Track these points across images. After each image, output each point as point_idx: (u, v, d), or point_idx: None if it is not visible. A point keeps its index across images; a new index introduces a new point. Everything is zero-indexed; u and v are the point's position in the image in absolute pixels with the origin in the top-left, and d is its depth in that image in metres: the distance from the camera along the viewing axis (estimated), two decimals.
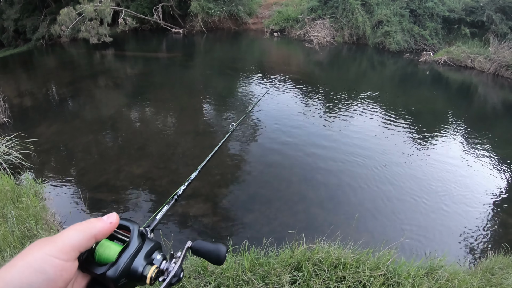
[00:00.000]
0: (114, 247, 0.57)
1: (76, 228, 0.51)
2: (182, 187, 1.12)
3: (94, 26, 14.42)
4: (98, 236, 0.53)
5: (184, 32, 17.88)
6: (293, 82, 10.40)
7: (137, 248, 0.57)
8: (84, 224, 0.52)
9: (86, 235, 0.51)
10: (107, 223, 0.54)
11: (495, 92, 11.26)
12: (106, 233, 0.54)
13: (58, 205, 4.78)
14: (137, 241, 0.58)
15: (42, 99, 9.42)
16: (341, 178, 5.61)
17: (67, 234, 0.50)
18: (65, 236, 0.49)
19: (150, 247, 0.59)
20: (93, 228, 0.52)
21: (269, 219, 4.50)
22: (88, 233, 0.51)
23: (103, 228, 0.53)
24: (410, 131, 7.40)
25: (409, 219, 4.76)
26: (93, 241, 0.53)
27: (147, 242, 0.60)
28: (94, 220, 0.54)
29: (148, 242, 0.60)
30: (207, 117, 8.05)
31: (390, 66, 13.63)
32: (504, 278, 3.36)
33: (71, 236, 0.50)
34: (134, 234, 0.58)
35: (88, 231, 0.51)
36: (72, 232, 0.50)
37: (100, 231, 0.53)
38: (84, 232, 0.51)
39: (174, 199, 1.02)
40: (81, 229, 0.51)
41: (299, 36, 16.65)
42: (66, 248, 0.48)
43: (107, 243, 0.57)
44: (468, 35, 14.34)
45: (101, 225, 0.53)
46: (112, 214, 0.56)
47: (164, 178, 5.40)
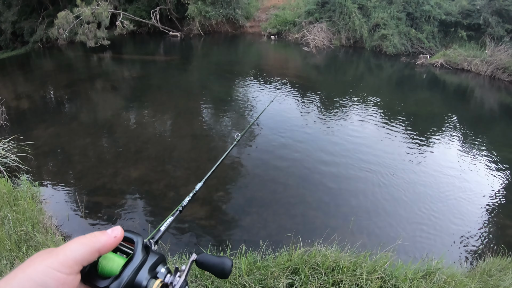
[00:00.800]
0: (118, 259, 0.56)
1: (79, 241, 0.50)
2: (187, 198, 1.11)
3: (92, 29, 14.41)
4: (101, 250, 0.52)
5: (182, 35, 17.89)
6: (289, 85, 10.41)
7: (141, 261, 0.56)
8: (88, 238, 0.51)
9: (89, 249, 0.50)
10: (111, 237, 0.53)
11: (492, 95, 11.32)
12: (110, 247, 0.53)
13: (55, 208, 4.76)
14: (141, 254, 0.56)
15: (40, 102, 9.39)
16: (337, 181, 5.61)
17: (70, 247, 0.49)
18: (68, 249, 0.48)
19: (154, 260, 0.58)
20: (97, 242, 0.51)
21: (266, 223, 4.50)
22: (92, 247, 0.50)
23: (107, 242, 0.52)
24: (406, 134, 7.42)
25: (405, 222, 4.77)
26: (97, 255, 0.51)
27: (151, 255, 0.59)
28: (98, 234, 0.52)
29: (152, 255, 0.59)
30: (204, 120, 8.04)
31: (387, 69, 13.68)
32: (502, 280, 3.37)
33: (74, 249, 0.48)
34: (138, 247, 0.57)
35: (91, 245, 0.50)
36: (75, 245, 0.49)
37: (104, 245, 0.52)
38: (87, 246, 0.50)
39: (179, 211, 1.02)
40: (85, 243, 0.50)
41: (296, 39, 16.69)
42: (69, 261, 0.47)
43: (110, 256, 0.56)
44: (465, 38, 14.42)
45: (105, 239, 0.52)
46: (116, 228, 0.55)
47: (161, 182, 5.39)
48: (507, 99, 10.77)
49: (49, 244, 3.36)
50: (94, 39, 14.46)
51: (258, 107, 8.53)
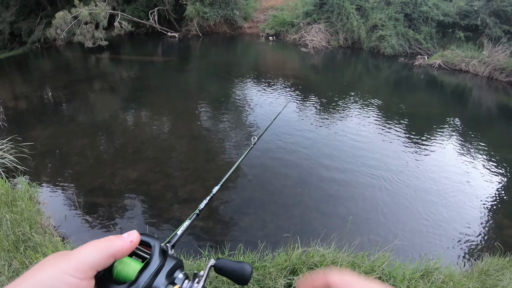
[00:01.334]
0: (134, 264, 0.53)
1: (94, 245, 0.48)
2: (204, 202, 1.10)
3: (90, 30, 14.39)
4: (117, 255, 0.49)
5: (180, 36, 17.89)
6: (287, 86, 10.43)
7: (159, 266, 0.53)
8: (103, 242, 0.49)
9: (104, 254, 0.47)
10: (127, 242, 0.51)
11: (489, 95, 11.36)
12: (126, 252, 0.51)
13: (53, 209, 4.75)
14: (159, 258, 0.54)
15: (37, 102, 9.37)
16: (335, 181, 5.62)
17: (83, 251, 0.46)
18: (82, 253, 0.46)
19: (172, 266, 0.56)
20: (112, 247, 0.49)
21: (264, 223, 4.50)
22: (107, 252, 0.48)
23: (122, 246, 0.50)
24: (403, 135, 7.44)
25: (403, 222, 4.78)
26: (112, 260, 0.49)
27: (168, 260, 0.56)
28: (114, 238, 0.50)
29: (170, 260, 0.57)
30: (202, 121, 8.04)
31: (385, 70, 13.71)
32: (500, 279, 3.38)
33: (88, 253, 0.46)
34: (156, 251, 0.55)
35: (106, 249, 0.48)
36: (89, 249, 0.47)
37: (120, 250, 0.49)
38: (102, 250, 0.47)
39: (196, 214, 0.99)
40: (99, 247, 0.48)
41: (294, 40, 16.71)
42: (82, 266, 0.45)
43: (126, 260, 0.54)
44: (463, 39, 14.46)
45: (120, 244, 0.50)
46: (132, 232, 0.52)
47: (159, 182, 5.39)
48: (504, 99, 10.81)
49: (47, 245, 3.35)
50: (92, 39, 14.44)
51: (256, 108, 8.53)
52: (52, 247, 3.30)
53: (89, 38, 14.40)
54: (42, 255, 3.11)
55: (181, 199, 5.01)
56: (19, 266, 3.01)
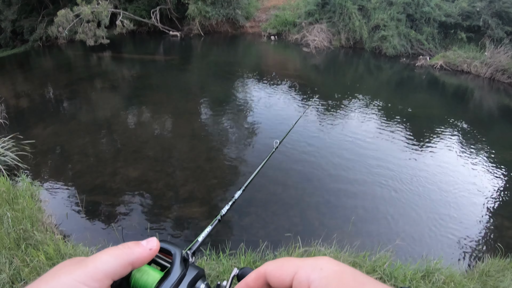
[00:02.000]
0: (153, 273, 0.51)
1: (111, 252, 0.45)
2: (226, 207, 1.06)
3: (91, 28, 14.39)
4: (135, 264, 0.47)
5: (182, 35, 17.88)
6: (289, 85, 10.42)
7: (180, 276, 0.50)
8: (121, 249, 0.46)
9: (122, 262, 0.45)
10: (147, 249, 0.48)
11: (491, 97, 11.34)
12: (145, 260, 0.48)
13: (54, 207, 4.76)
14: (180, 267, 0.51)
15: (39, 100, 9.38)
16: (336, 181, 5.62)
17: (100, 258, 0.44)
18: (98, 261, 0.44)
19: (193, 276, 0.52)
20: (130, 254, 0.46)
21: (265, 223, 4.50)
22: (125, 260, 0.45)
23: (141, 254, 0.47)
24: (405, 135, 7.43)
25: (404, 222, 4.78)
26: (130, 269, 0.47)
27: (190, 269, 0.53)
28: (132, 245, 0.48)
29: (191, 269, 0.53)
30: (203, 121, 8.04)
31: (386, 71, 13.69)
32: (501, 280, 3.37)
33: (104, 261, 0.44)
34: (177, 260, 0.52)
35: (125, 257, 0.45)
36: (106, 256, 0.44)
37: (139, 257, 0.47)
38: (120, 258, 0.45)
39: (218, 220, 0.97)
40: (117, 255, 0.45)
41: (296, 40, 16.69)
42: (99, 274, 0.43)
43: (145, 268, 0.51)
44: (465, 40, 14.43)
45: (139, 251, 0.47)
46: (152, 239, 0.50)
47: (160, 181, 5.39)
48: (506, 101, 10.79)
49: (48, 243, 3.36)
50: (93, 38, 14.45)
51: (257, 109, 8.54)
52: (53, 245, 3.31)
53: (91, 37, 14.40)
54: (43, 253, 3.11)
55: (182, 198, 5.01)
56: (20, 264, 3.02)
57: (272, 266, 0.45)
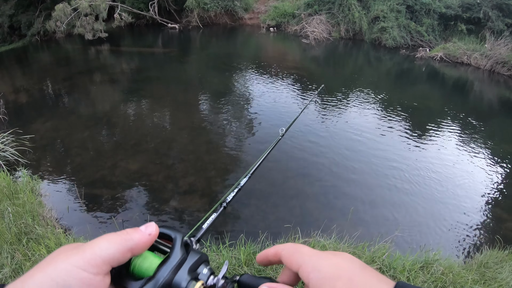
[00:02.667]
0: (153, 258, 0.49)
1: (109, 238, 0.44)
2: (232, 193, 1.04)
3: (89, 22, 14.32)
4: (135, 250, 0.46)
5: (180, 27, 17.79)
6: (288, 77, 10.39)
7: (180, 261, 0.49)
8: (119, 235, 0.45)
9: (121, 248, 0.44)
10: (146, 235, 0.47)
11: (491, 89, 11.32)
12: (145, 246, 0.47)
13: (55, 201, 4.77)
14: (180, 252, 0.49)
15: (38, 95, 9.35)
16: (335, 172, 5.63)
17: (98, 244, 0.43)
18: (96, 247, 0.43)
19: (195, 260, 0.50)
20: (129, 240, 0.45)
21: (265, 214, 4.53)
22: (124, 246, 0.44)
23: (140, 240, 0.46)
24: (405, 126, 7.43)
25: (403, 213, 4.80)
26: (129, 255, 0.45)
27: (192, 253, 0.51)
28: (131, 231, 0.47)
29: (193, 253, 0.51)
30: (203, 113, 8.04)
31: (386, 62, 13.65)
32: (499, 272, 3.39)
33: (103, 247, 0.43)
34: (177, 244, 0.50)
35: (124, 243, 0.44)
36: (104, 242, 0.43)
37: (138, 243, 0.46)
38: (119, 244, 0.44)
39: (223, 207, 0.95)
40: (116, 241, 0.44)
41: (296, 31, 16.62)
42: (97, 260, 0.42)
43: (145, 254, 0.50)
44: (465, 32, 14.37)
45: (138, 237, 0.46)
46: (150, 224, 0.49)
47: (160, 174, 5.40)
48: (506, 93, 10.77)
49: (49, 237, 3.37)
50: (92, 31, 14.37)
51: (256, 100, 8.53)
52: (54, 238, 3.32)
53: (89, 30, 14.33)
54: (44, 247, 3.12)
55: (182, 190, 5.03)
56: (22, 258, 3.03)
57: (286, 251, 0.50)
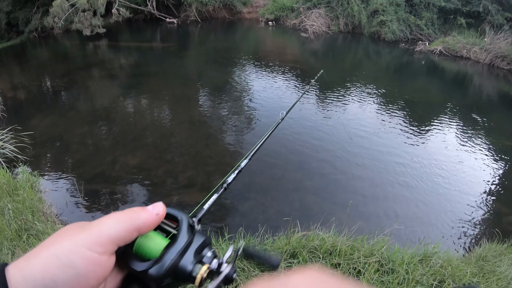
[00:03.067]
0: (159, 240, 0.49)
1: (116, 217, 0.43)
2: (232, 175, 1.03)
3: (87, 17, 14.23)
4: (141, 229, 0.45)
5: (179, 22, 17.69)
6: (287, 71, 10.37)
7: (187, 243, 0.48)
8: (127, 213, 0.44)
9: (128, 227, 0.43)
10: (153, 214, 0.46)
11: (490, 83, 11.31)
12: (151, 226, 0.46)
13: (55, 197, 4.78)
14: (187, 235, 0.49)
15: (36, 91, 9.33)
16: (335, 166, 5.64)
17: (105, 222, 0.42)
18: (103, 225, 0.42)
19: (200, 243, 0.50)
20: (137, 219, 0.44)
21: (265, 207, 4.54)
22: (131, 224, 0.43)
23: (147, 219, 0.45)
24: (404, 120, 7.43)
25: (402, 206, 4.81)
26: (135, 235, 0.44)
27: (197, 236, 0.51)
28: (138, 210, 0.45)
29: (198, 236, 0.51)
30: (202, 107, 8.03)
31: (385, 56, 13.61)
32: (498, 265, 3.41)
33: (110, 225, 0.42)
34: (183, 226, 0.50)
35: (131, 221, 0.43)
36: (111, 221, 0.42)
37: (145, 222, 0.45)
38: (126, 223, 0.43)
39: (224, 188, 0.94)
40: (123, 219, 0.43)
41: (294, 25, 16.54)
42: (103, 239, 0.41)
43: (151, 234, 0.49)
44: (464, 26, 14.32)
45: (146, 216, 0.45)
46: (158, 204, 0.47)
47: (160, 168, 5.41)
48: (505, 87, 10.76)
49: (49, 232, 3.38)
50: (90, 27, 14.29)
51: (255, 94, 8.53)
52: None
53: (87, 26, 14.24)
54: None
55: (182, 184, 5.04)
56: (23, 254, 3.04)
57: None
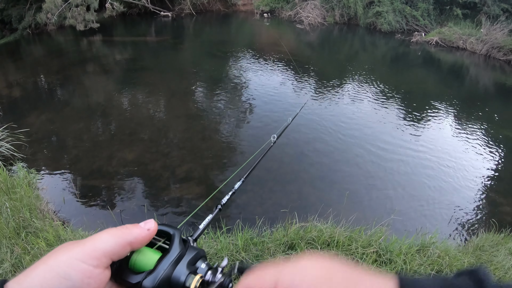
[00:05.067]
0: (152, 254, 0.50)
1: (109, 232, 0.46)
2: (226, 196, 1.11)
3: (81, 13, 14.08)
4: (134, 244, 0.47)
5: (173, 15, 17.55)
6: (283, 63, 10.34)
7: (179, 255, 0.50)
8: (119, 229, 0.47)
9: (120, 241, 0.45)
10: (145, 230, 0.48)
11: (487, 73, 11.33)
12: (144, 240, 0.48)
13: (52, 194, 4.77)
14: (179, 247, 0.51)
15: (31, 89, 9.26)
16: (331, 157, 5.66)
17: (99, 237, 0.45)
18: (97, 240, 0.44)
19: (193, 255, 0.52)
20: (129, 234, 0.46)
21: (262, 200, 4.55)
22: (123, 239, 0.45)
23: (139, 234, 0.47)
24: (401, 112, 7.45)
25: (399, 197, 4.84)
26: (128, 249, 0.47)
27: (190, 249, 0.53)
28: (131, 226, 0.48)
29: (191, 249, 0.53)
30: (198, 100, 8.01)
31: (381, 47, 13.59)
32: (494, 255, 3.44)
33: (103, 240, 0.44)
34: (176, 239, 0.51)
35: (123, 236, 0.46)
36: (105, 236, 0.45)
37: (137, 237, 0.47)
38: (118, 238, 0.45)
39: (219, 209, 0.99)
40: (116, 234, 0.45)
41: (290, 16, 16.48)
42: (96, 252, 0.43)
43: (144, 250, 0.50)
44: (460, 16, 14.30)
45: (137, 232, 0.47)
46: (150, 221, 0.50)
47: (157, 163, 5.40)
48: (501, 78, 10.79)
49: (47, 229, 3.38)
50: (83, 22, 14.15)
51: (251, 86, 8.55)
52: (53, 231, 3.33)
53: (81, 21, 14.10)
54: (43, 240, 3.13)
55: (179, 178, 5.04)
56: (21, 252, 3.04)
57: (250, 279, 0.44)
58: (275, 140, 1.94)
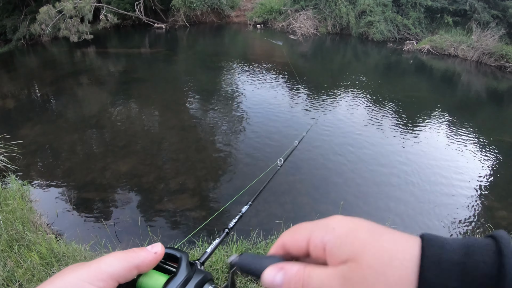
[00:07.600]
0: (159, 277, 0.50)
1: (116, 255, 0.46)
2: (234, 220, 1.13)
3: (75, 24, 14.12)
4: (140, 267, 0.47)
5: (167, 27, 17.67)
6: (276, 73, 10.42)
7: (186, 278, 0.50)
8: (126, 252, 0.47)
9: (127, 264, 0.45)
10: (151, 253, 0.49)
11: (478, 80, 11.47)
12: (150, 264, 0.49)
13: (45, 206, 4.73)
14: (186, 270, 0.51)
15: (25, 100, 9.24)
16: (326, 167, 5.67)
17: (105, 260, 0.45)
18: (103, 262, 0.44)
19: (201, 278, 0.51)
20: (135, 257, 0.47)
21: (257, 211, 4.54)
22: (130, 263, 0.46)
23: (146, 258, 0.48)
24: (394, 119, 7.50)
25: (394, 205, 4.85)
26: (135, 272, 0.47)
27: (197, 272, 0.52)
28: (137, 249, 0.48)
29: (198, 272, 0.52)
30: (192, 112, 8.02)
31: (374, 56, 13.73)
32: None
33: (109, 262, 0.45)
34: (183, 263, 0.52)
35: (130, 260, 0.46)
36: (111, 259, 0.45)
37: (144, 261, 0.47)
38: (124, 261, 0.45)
39: (226, 232, 1.00)
40: (122, 257, 0.46)
41: (283, 27, 16.64)
42: (103, 275, 0.43)
43: (151, 273, 0.51)
44: (451, 24, 14.51)
45: (144, 255, 0.48)
46: (156, 244, 0.50)
47: (151, 175, 5.39)
48: (493, 83, 10.94)
49: (40, 242, 3.35)
50: (77, 34, 14.18)
51: (245, 97, 8.59)
52: (46, 244, 3.30)
53: (74, 33, 14.13)
54: (36, 253, 3.10)
55: (173, 190, 5.03)
56: (14, 265, 3.01)
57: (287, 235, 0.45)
58: (282, 164, 1.94)
